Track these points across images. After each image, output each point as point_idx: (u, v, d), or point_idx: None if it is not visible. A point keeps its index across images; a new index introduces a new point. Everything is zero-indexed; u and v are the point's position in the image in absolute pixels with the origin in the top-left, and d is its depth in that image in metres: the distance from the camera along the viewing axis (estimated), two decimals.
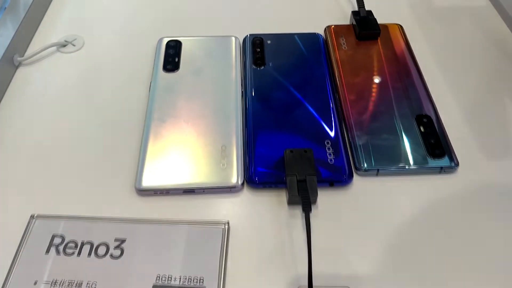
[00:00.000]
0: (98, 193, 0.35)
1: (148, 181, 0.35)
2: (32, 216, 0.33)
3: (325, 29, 0.48)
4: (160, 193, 0.35)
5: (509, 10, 0.50)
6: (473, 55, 0.46)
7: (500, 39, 0.48)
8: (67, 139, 0.38)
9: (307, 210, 0.32)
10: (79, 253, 0.32)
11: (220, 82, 0.42)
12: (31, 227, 0.33)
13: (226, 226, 0.33)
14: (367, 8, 0.49)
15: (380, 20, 0.48)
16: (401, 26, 0.48)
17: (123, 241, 0.32)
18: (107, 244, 0.32)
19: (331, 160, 0.36)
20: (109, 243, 0.32)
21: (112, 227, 0.33)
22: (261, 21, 0.49)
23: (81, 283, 0.30)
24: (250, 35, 0.47)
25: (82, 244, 0.32)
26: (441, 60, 0.46)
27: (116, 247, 0.32)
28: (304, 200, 0.33)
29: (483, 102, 0.42)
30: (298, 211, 0.34)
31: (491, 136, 0.40)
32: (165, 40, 0.46)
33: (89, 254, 0.32)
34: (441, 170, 0.37)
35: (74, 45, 0.46)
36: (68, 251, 0.32)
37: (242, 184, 0.35)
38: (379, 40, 0.46)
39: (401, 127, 0.39)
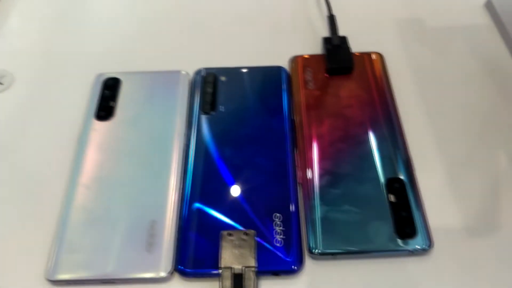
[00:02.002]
0: (5, 284, 0.30)
1: (61, 270, 0.30)
2: None
3: (290, 60, 0.41)
4: (74, 283, 0.30)
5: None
6: (468, 92, 0.39)
7: (502, 71, 0.41)
8: None
9: None
10: None
11: (160, 134, 0.36)
12: None
13: None
14: (345, 32, 0.41)
15: (359, 47, 0.41)
16: (381, 56, 0.41)
17: None
18: None
19: (278, 241, 0.30)
20: None
21: None
22: (220, 49, 0.43)
23: None
24: (201, 69, 0.40)
25: None
26: (428, 100, 0.39)
27: None
28: None
29: (473, 161, 0.35)
30: None
31: (476, 207, 0.33)
32: (103, 77, 0.39)
33: None
34: (411, 252, 0.30)
35: (2, 84, 0.40)
36: None
37: (172, 272, 0.30)
38: (353, 75, 0.39)
39: (367, 196, 0.32)
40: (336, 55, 0.40)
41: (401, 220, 0.31)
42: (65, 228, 0.31)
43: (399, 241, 0.30)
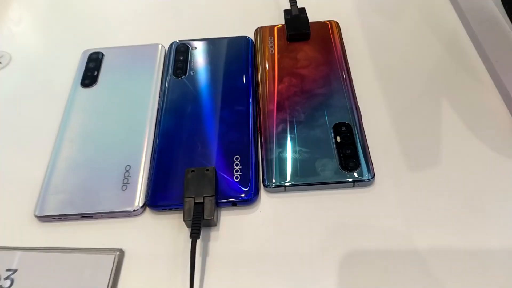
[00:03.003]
0: None
1: (46, 207, 0.34)
2: None
3: (255, 30, 0.45)
4: (58, 218, 0.34)
5: (463, 5, 0.46)
6: (415, 54, 0.43)
7: (449, 34, 0.44)
8: None
9: (194, 237, 0.31)
10: None
11: (137, 96, 0.41)
12: None
13: (117, 254, 0.32)
14: (304, 4, 0.46)
15: (318, 17, 0.45)
16: (337, 23, 0.45)
17: (14, 271, 0.32)
18: None
19: (237, 177, 0.35)
20: (1, 274, 0.32)
21: (6, 257, 0.32)
22: (194, 25, 0.47)
23: None
24: (175, 41, 0.45)
25: None
26: (378, 61, 0.43)
27: (6, 278, 0.31)
28: (193, 225, 0.31)
29: (415, 109, 0.39)
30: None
31: (417, 146, 0.37)
32: (88, 53, 0.44)
33: None
34: (354, 183, 0.34)
35: (0, 63, 0.46)
36: None
37: (143, 207, 0.34)
38: (310, 41, 0.43)
39: (316, 139, 0.36)
40: (295, 24, 0.44)
41: (346, 157, 0.35)
42: (52, 174, 0.36)
43: (344, 173, 0.34)
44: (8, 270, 0.32)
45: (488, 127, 0.37)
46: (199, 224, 0.31)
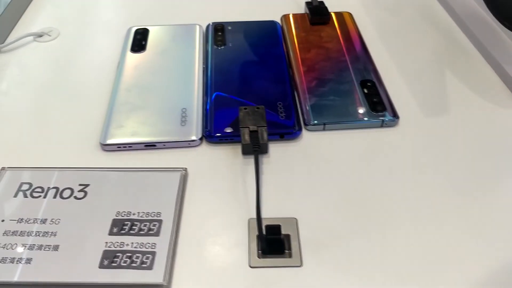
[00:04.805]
0: (68, 150, 0.38)
1: (112, 137, 0.38)
2: (2, 168, 0.36)
3: (281, 17, 0.52)
4: (123, 147, 0.38)
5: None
6: (415, 37, 0.51)
7: (439, 22, 0.53)
8: (41, 109, 0.42)
9: (256, 151, 0.35)
10: (45, 196, 0.34)
11: (183, 59, 0.46)
12: (1, 177, 0.35)
13: (184, 172, 0.36)
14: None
15: (333, 9, 0.53)
16: (351, 14, 0.53)
17: (87, 185, 0.35)
18: (71, 188, 0.34)
19: (282, 117, 0.40)
20: (74, 187, 0.35)
21: (78, 175, 0.35)
22: (224, 12, 0.54)
23: (46, 220, 0.32)
24: (212, 23, 0.51)
25: (48, 189, 0.34)
26: (387, 40, 0.50)
27: (80, 191, 0.34)
28: (254, 144, 0.36)
29: (423, 72, 0.46)
30: (251, 160, 0.37)
31: (428, 98, 0.43)
32: (134, 28, 0.50)
33: (55, 196, 0.34)
34: (383, 123, 0.40)
35: (49, 35, 0.50)
36: (35, 194, 0.34)
37: (201, 139, 0.38)
38: (330, 25, 0.51)
39: (347, 90, 0.42)
40: (317, 11, 0.52)
41: (374, 103, 0.41)
42: (112, 112, 0.40)
43: (374, 114, 0.40)
44: (80, 184, 0.35)
45: (482, 87, 0.45)
46: (258, 142, 0.36)
